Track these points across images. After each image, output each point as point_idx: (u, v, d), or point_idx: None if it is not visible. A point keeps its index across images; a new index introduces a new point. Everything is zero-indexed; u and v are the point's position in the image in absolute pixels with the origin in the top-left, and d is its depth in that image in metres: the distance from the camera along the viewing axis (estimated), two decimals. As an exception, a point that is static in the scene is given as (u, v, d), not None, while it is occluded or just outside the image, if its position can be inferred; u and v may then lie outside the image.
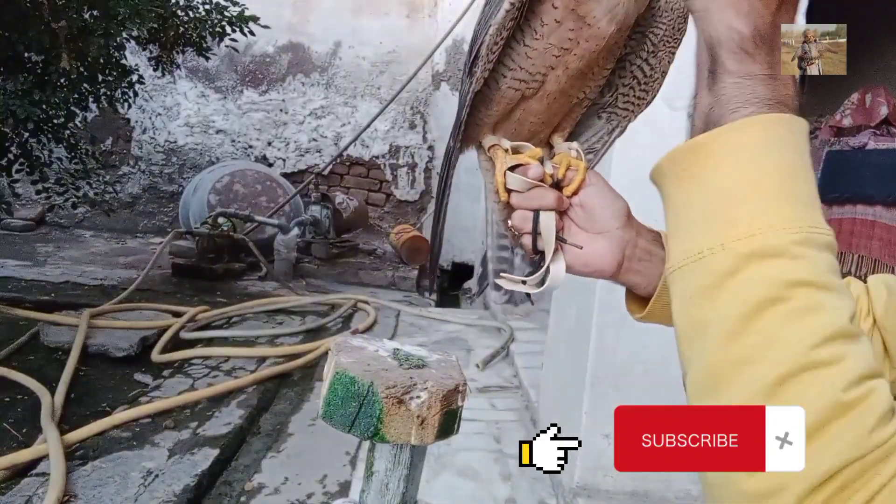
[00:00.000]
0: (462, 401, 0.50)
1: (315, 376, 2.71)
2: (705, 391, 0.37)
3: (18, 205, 4.90)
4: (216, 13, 3.65)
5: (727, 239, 0.38)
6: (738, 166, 0.39)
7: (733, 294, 0.37)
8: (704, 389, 0.37)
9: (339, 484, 1.89)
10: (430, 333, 3.48)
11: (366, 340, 0.55)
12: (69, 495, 1.64)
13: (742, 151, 0.39)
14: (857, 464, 0.32)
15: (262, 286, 4.33)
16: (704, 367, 0.37)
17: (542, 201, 0.57)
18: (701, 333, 0.38)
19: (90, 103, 3.41)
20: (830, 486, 0.32)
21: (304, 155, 6.32)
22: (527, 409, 2.46)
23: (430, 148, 6.31)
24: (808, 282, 0.36)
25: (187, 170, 6.26)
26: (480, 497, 1.82)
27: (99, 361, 2.72)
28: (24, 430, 2.12)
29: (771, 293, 0.36)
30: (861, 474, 0.32)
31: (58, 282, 3.89)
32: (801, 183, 0.39)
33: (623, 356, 1.65)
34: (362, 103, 6.26)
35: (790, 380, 0.33)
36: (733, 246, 0.38)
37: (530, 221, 0.57)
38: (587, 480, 1.67)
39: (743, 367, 0.35)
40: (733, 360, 0.35)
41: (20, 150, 3.06)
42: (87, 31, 2.90)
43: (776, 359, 0.34)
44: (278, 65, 6.30)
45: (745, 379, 0.35)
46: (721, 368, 0.36)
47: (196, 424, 2.11)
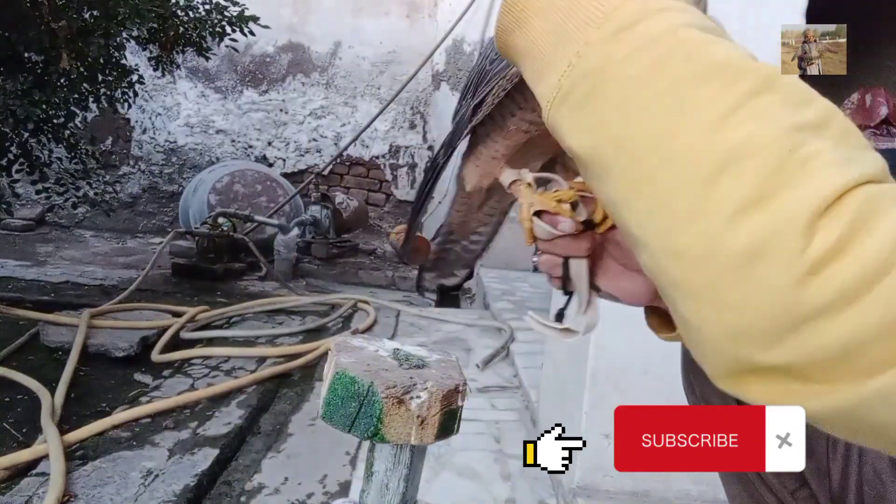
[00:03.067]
0: (462, 401, 0.50)
1: (315, 376, 2.71)
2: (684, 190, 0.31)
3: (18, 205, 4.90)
4: (216, 13, 3.65)
5: (588, 34, 0.34)
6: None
7: (628, 79, 0.33)
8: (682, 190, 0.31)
9: (339, 484, 1.89)
10: (430, 333, 3.48)
11: (366, 340, 0.55)
12: (69, 495, 1.64)
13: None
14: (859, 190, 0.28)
15: (262, 286, 4.33)
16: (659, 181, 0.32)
17: (573, 251, 0.51)
18: (633, 143, 0.33)
19: (90, 103, 3.41)
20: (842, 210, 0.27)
21: (304, 155, 6.32)
22: (527, 409, 2.46)
23: (430, 148, 6.31)
24: (695, 24, 0.33)
25: (187, 170, 6.26)
26: (480, 497, 1.82)
27: (99, 361, 2.72)
28: (24, 430, 2.12)
29: (666, 45, 0.32)
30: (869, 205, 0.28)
31: (58, 282, 3.89)
32: None
33: (623, 356, 1.65)
34: (362, 103, 6.27)
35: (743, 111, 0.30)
36: (597, 35, 0.34)
37: (559, 268, 0.51)
38: (587, 480, 1.67)
39: (701, 138, 0.30)
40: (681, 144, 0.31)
41: (20, 150, 3.06)
42: (87, 31, 2.90)
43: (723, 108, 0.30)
44: (278, 65, 6.30)
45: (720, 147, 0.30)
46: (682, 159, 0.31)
47: (196, 424, 2.11)
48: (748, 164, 0.29)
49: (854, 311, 0.27)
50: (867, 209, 0.28)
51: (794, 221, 0.28)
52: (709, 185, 0.29)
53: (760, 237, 0.28)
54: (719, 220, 0.29)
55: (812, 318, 0.27)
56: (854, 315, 0.27)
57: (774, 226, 0.28)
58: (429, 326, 3.62)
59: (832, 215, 0.28)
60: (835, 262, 0.27)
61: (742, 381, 0.31)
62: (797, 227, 0.28)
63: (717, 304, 0.30)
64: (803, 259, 0.27)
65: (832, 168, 0.29)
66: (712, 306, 0.30)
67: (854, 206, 0.28)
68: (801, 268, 0.27)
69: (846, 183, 0.28)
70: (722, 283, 0.29)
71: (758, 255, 0.28)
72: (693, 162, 0.30)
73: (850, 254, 0.27)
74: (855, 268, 0.27)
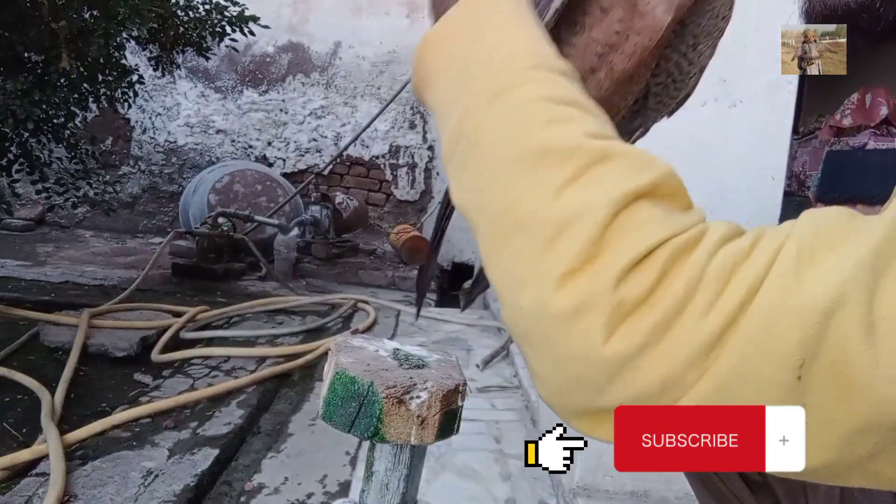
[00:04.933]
0: (462, 401, 0.50)
1: (315, 376, 2.71)
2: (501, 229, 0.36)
3: (18, 205, 4.90)
4: (216, 13, 3.65)
5: (470, 97, 0.39)
6: (458, 41, 0.41)
7: (497, 134, 0.37)
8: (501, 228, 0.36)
9: (339, 484, 1.89)
10: (430, 333, 3.48)
11: (366, 340, 0.55)
12: (69, 495, 1.64)
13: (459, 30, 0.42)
14: (665, 246, 0.31)
15: (262, 286, 4.33)
16: (499, 211, 0.36)
17: None
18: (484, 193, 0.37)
19: (90, 103, 3.40)
20: (646, 271, 0.31)
21: (304, 155, 6.31)
22: (527, 409, 2.46)
23: (430, 148, 6.30)
24: (553, 98, 0.37)
25: (187, 170, 6.26)
26: (480, 497, 1.82)
27: (99, 361, 2.72)
28: (24, 430, 2.12)
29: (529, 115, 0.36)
30: (674, 258, 0.31)
31: (58, 282, 3.89)
32: (523, 28, 0.41)
33: (623, 356, 1.65)
34: (362, 103, 6.26)
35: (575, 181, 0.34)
36: (476, 101, 0.38)
37: None
38: (587, 480, 1.67)
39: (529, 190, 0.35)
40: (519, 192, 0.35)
41: (20, 150, 3.05)
42: (87, 31, 2.89)
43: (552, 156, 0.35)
44: (278, 65, 6.30)
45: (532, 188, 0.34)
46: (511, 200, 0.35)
47: (196, 424, 2.11)
48: (575, 231, 0.32)
49: (661, 350, 0.30)
50: (669, 262, 0.31)
51: (606, 281, 0.31)
52: (546, 250, 0.33)
53: (579, 297, 0.31)
54: (549, 283, 0.32)
55: (630, 362, 0.31)
56: (662, 354, 0.30)
57: (590, 287, 0.31)
58: (429, 326, 3.62)
59: (639, 271, 0.31)
60: (639, 311, 0.31)
61: (591, 422, 0.34)
62: (608, 286, 0.31)
63: (552, 357, 0.33)
64: (615, 311, 0.31)
65: (648, 227, 0.32)
66: (549, 358, 0.33)
67: (660, 260, 0.31)
68: (614, 319, 0.31)
69: (658, 240, 0.32)
70: (554, 338, 0.32)
71: (578, 313, 0.31)
72: (535, 229, 0.34)
73: (652, 302, 0.31)
74: (656, 313, 0.30)
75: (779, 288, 0.29)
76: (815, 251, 0.30)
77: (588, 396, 0.33)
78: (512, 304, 0.35)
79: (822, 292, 0.28)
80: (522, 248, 0.34)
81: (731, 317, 0.30)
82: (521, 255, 0.34)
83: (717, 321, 0.30)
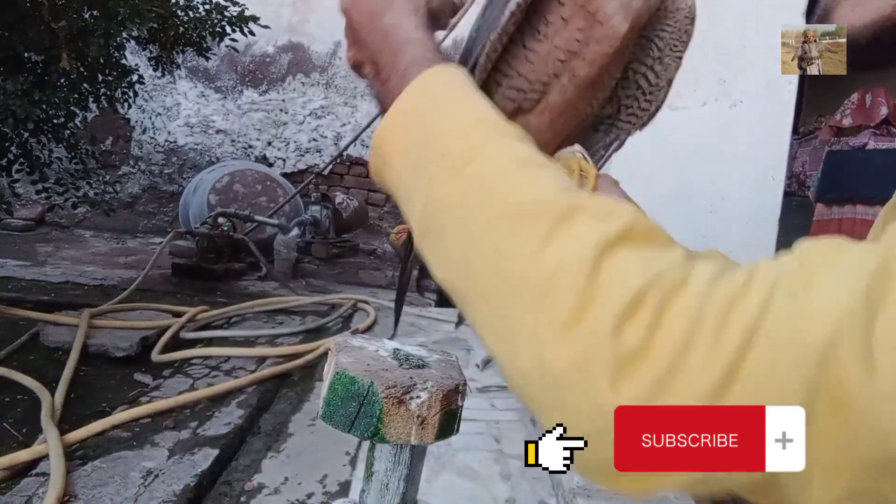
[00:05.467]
0: (462, 401, 0.50)
1: (315, 376, 2.71)
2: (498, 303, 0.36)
3: (18, 205, 4.90)
4: (216, 13, 3.65)
5: (434, 174, 0.39)
6: (420, 120, 0.42)
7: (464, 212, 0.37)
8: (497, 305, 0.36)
9: (339, 484, 1.89)
10: (430, 333, 3.47)
11: (366, 340, 0.55)
12: (69, 495, 1.64)
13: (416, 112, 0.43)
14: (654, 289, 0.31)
15: (262, 286, 4.33)
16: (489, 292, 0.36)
17: None
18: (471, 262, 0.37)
19: (90, 103, 3.41)
20: (642, 314, 0.31)
21: (304, 155, 6.31)
22: (527, 409, 2.46)
23: (430, 148, 6.31)
24: (516, 159, 0.38)
25: (187, 170, 6.26)
26: (480, 497, 1.82)
27: (99, 361, 2.72)
28: (24, 430, 2.12)
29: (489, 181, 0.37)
30: (665, 300, 0.31)
31: (58, 282, 3.89)
32: (470, 104, 0.42)
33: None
34: (362, 103, 6.26)
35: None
36: (442, 178, 0.39)
37: None
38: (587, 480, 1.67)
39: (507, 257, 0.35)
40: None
41: (20, 150, 3.05)
42: (87, 31, 2.89)
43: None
44: (278, 65, 6.30)
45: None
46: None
47: (196, 424, 2.11)
48: (562, 285, 0.32)
49: (668, 401, 0.30)
50: (660, 305, 0.31)
51: (602, 329, 0.31)
52: (537, 310, 0.33)
53: (579, 351, 0.31)
54: (545, 341, 0.32)
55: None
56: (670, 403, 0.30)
57: (588, 338, 0.31)
58: (429, 326, 3.62)
59: (634, 318, 0.31)
60: (641, 360, 0.30)
61: (614, 479, 0.34)
62: (605, 334, 0.31)
63: (563, 416, 0.33)
64: (617, 361, 0.30)
65: (632, 271, 0.32)
66: (560, 418, 0.33)
67: (652, 304, 0.31)
68: (617, 368, 0.30)
69: (645, 281, 0.31)
70: (562, 396, 0.32)
71: (580, 368, 0.31)
72: (521, 291, 0.34)
73: (652, 349, 0.30)
74: (660, 362, 0.30)
75: (776, 327, 0.29)
76: (811, 286, 0.30)
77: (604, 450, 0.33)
78: (515, 372, 0.35)
79: (819, 329, 0.28)
80: (512, 312, 0.34)
81: (732, 364, 0.29)
82: (513, 320, 0.34)
83: (719, 368, 0.30)
